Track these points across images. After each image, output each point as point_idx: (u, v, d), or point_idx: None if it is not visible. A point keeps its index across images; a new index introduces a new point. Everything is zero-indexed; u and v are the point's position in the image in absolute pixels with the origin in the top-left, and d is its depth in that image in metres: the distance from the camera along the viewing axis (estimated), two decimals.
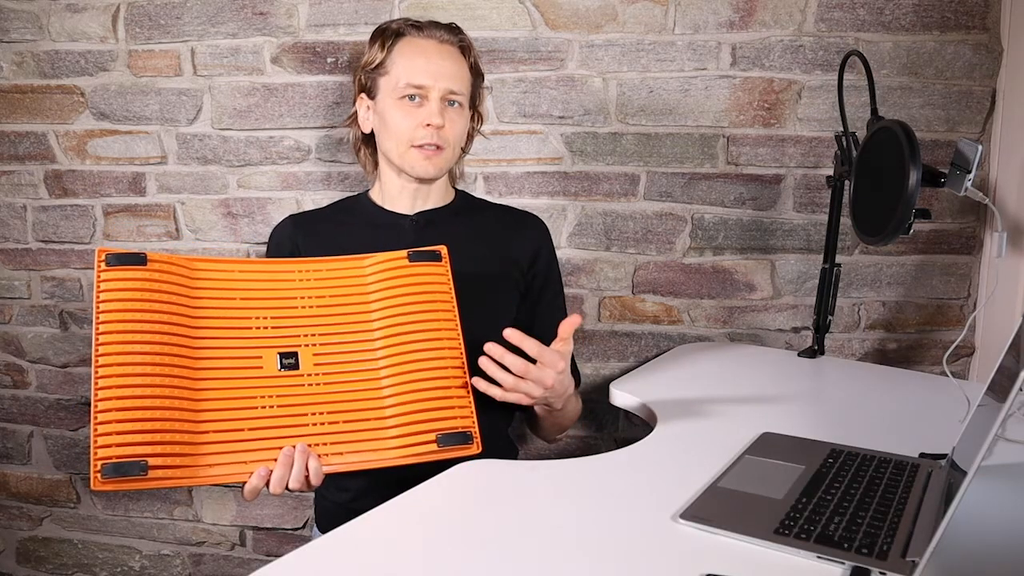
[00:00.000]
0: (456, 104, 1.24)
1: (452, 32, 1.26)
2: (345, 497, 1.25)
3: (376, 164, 1.33)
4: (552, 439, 1.36)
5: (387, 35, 1.25)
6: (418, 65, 1.22)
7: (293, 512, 1.72)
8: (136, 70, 1.60)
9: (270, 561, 0.73)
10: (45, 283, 1.70)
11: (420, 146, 1.22)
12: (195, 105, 1.60)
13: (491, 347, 1.05)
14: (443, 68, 1.22)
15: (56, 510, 1.79)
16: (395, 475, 0.99)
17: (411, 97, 1.22)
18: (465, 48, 1.27)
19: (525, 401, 1.09)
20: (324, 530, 1.18)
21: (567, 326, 1.10)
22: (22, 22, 1.60)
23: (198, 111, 1.60)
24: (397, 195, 1.30)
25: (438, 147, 1.22)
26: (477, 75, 1.29)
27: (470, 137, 1.35)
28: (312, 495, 1.52)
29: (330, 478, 0.99)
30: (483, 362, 1.06)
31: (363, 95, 1.29)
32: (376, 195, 1.33)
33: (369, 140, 1.32)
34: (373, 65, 1.25)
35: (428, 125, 1.20)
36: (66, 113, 1.63)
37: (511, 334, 1.06)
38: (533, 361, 1.07)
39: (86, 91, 1.62)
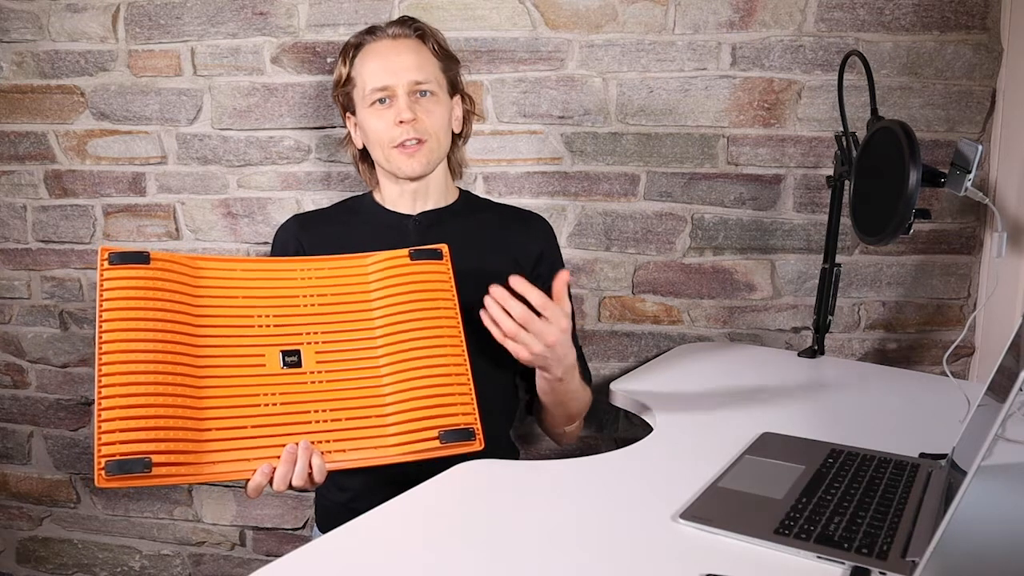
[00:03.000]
0: (427, 93, 1.24)
1: (404, 24, 1.27)
2: (345, 497, 1.25)
3: (377, 177, 1.34)
4: (560, 431, 1.32)
5: (347, 50, 1.28)
6: (376, 68, 1.23)
7: (293, 512, 1.72)
8: (136, 70, 1.60)
9: (270, 561, 0.73)
10: (45, 283, 1.70)
11: (401, 145, 1.22)
12: (195, 105, 1.60)
13: (496, 289, 1.05)
14: (400, 62, 1.23)
15: (56, 510, 1.79)
16: (395, 475, 1.00)
17: (380, 100, 1.23)
18: (423, 35, 1.27)
19: (524, 355, 1.07)
20: (324, 530, 1.18)
21: (559, 283, 1.09)
22: (22, 22, 1.60)
23: (198, 111, 1.60)
24: (398, 198, 1.30)
25: (419, 140, 1.22)
26: (446, 59, 1.29)
27: (466, 120, 1.34)
28: (313, 495, 1.52)
29: (330, 478, 0.99)
30: (487, 301, 1.06)
31: (348, 114, 1.31)
32: (379, 197, 1.34)
33: (366, 155, 1.33)
34: (343, 82, 1.28)
35: (401, 122, 1.21)
36: (66, 113, 1.63)
37: (516, 282, 1.05)
38: (538, 315, 1.06)
39: (86, 91, 1.62)
